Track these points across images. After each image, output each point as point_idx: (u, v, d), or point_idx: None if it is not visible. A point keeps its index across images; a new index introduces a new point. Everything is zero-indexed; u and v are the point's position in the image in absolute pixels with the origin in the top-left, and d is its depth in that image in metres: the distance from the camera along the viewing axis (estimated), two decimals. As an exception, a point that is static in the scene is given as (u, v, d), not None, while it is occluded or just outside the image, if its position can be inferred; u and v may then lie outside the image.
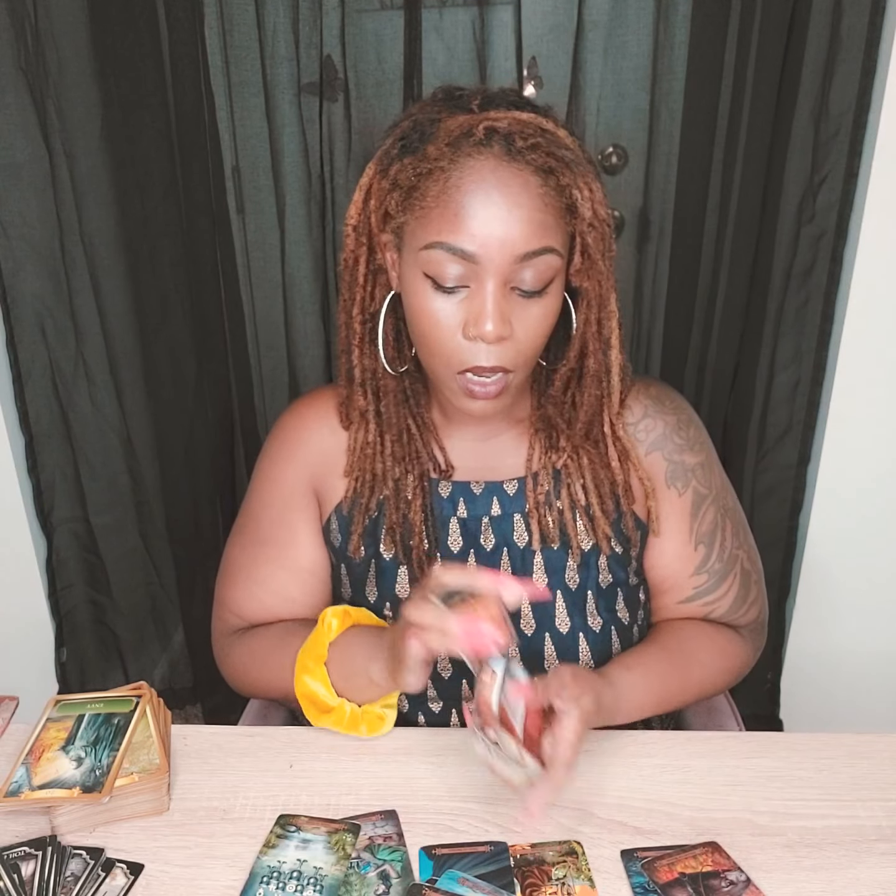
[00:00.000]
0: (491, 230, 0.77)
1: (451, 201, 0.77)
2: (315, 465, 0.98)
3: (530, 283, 0.80)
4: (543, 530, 0.94)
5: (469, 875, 0.72)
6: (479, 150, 0.77)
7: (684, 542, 0.97)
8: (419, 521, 0.94)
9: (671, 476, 0.96)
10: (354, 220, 0.86)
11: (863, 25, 1.26)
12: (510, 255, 0.77)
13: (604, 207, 0.81)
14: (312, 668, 0.88)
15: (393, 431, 0.94)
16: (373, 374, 0.92)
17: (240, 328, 1.60)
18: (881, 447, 1.46)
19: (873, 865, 0.74)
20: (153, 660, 1.88)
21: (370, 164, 0.85)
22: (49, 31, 1.35)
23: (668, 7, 1.35)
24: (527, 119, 0.78)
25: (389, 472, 0.94)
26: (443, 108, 0.81)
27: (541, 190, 0.77)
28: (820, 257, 1.40)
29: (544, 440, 0.95)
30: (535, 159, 0.77)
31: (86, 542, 1.69)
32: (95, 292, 1.53)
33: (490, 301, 0.79)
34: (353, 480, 0.96)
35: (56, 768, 0.80)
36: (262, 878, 0.72)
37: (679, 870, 0.73)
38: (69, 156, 1.43)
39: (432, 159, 0.78)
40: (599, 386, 0.90)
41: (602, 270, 0.83)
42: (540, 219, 0.77)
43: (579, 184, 0.79)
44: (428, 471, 0.95)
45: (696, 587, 0.98)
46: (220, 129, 1.46)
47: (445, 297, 0.81)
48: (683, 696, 0.96)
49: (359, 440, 0.96)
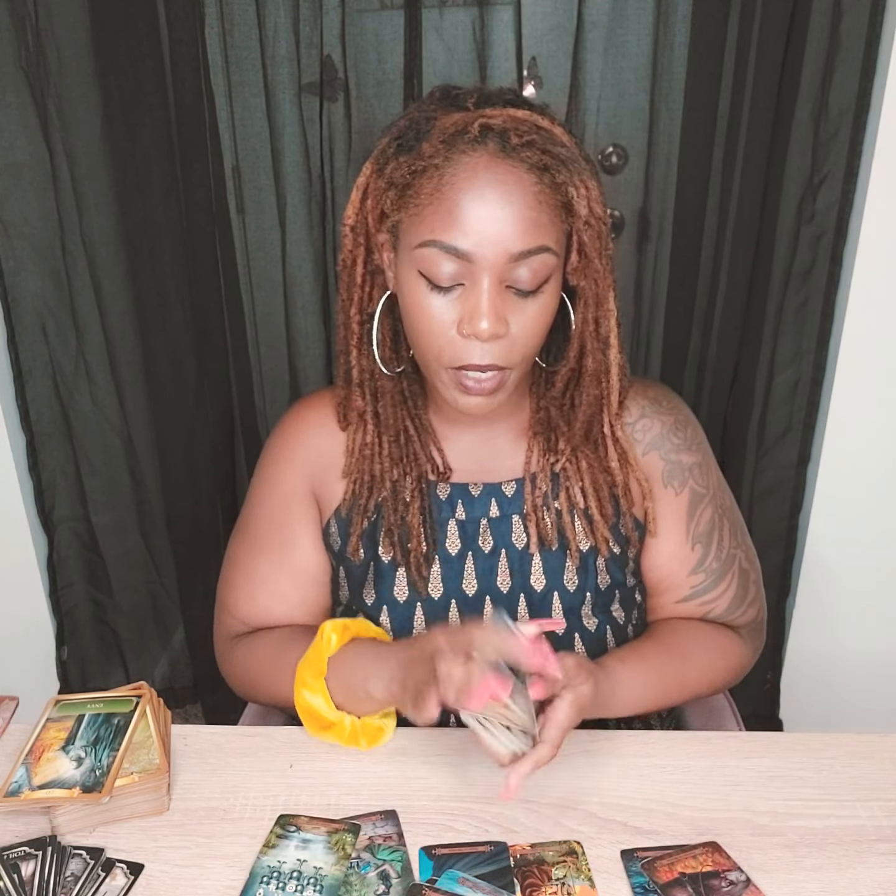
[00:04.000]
0: (484, 228, 0.76)
1: (445, 199, 0.77)
2: (315, 466, 0.98)
3: (525, 281, 0.79)
4: (541, 533, 0.93)
5: (469, 875, 0.72)
6: (473, 148, 0.77)
7: (681, 542, 0.97)
8: (417, 523, 0.93)
9: (668, 475, 0.96)
10: (352, 220, 0.86)
11: (863, 25, 1.26)
12: (504, 253, 0.77)
13: (600, 205, 0.81)
14: (311, 683, 0.87)
15: (390, 433, 0.94)
16: (370, 374, 0.92)
17: (240, 328, 1.59)
18: (881, 447, 1.46)
19: (873, 865, 0.74)
20: (154, 659, 1.88)
21: (367, 163, 0.84)
22: (49, 30, 1.35)
23: (668, 7, 1.35)
24: (522, 116, 0.78)
25: (387, 473, 0.94)
26: (439, 107, 0.81)
27: (535, 188, 0.77)
28: (820, 257, 1.40)
29: (543, 442, 0.95)
30: (530, 156, 0.77)
31: (86, 540, 1.69)
32: (96, 292, 1.53)
33: (485, 299, 0.78)
34: (351, 482, 0.96)
35: (56, 768, 0.80)
36: (261, 878, 0.72)
37: (679, 870, 0.73)
38: (69, 156, 1.43)
39: (427, 157, 0.78)
40: (599, 385, 0.90)
41: (598, 269, 0.83)
42: (534, 217, 0.77)
43: (575, 181, 0.78)
44: (426, 472, 0.95)
45: (694, 586, 0.97)
46: (220, 129, 1.46)
47: (440, 295, 0.81)
48: (681, 693, 0.95)
49: (357, 441, 0.95)
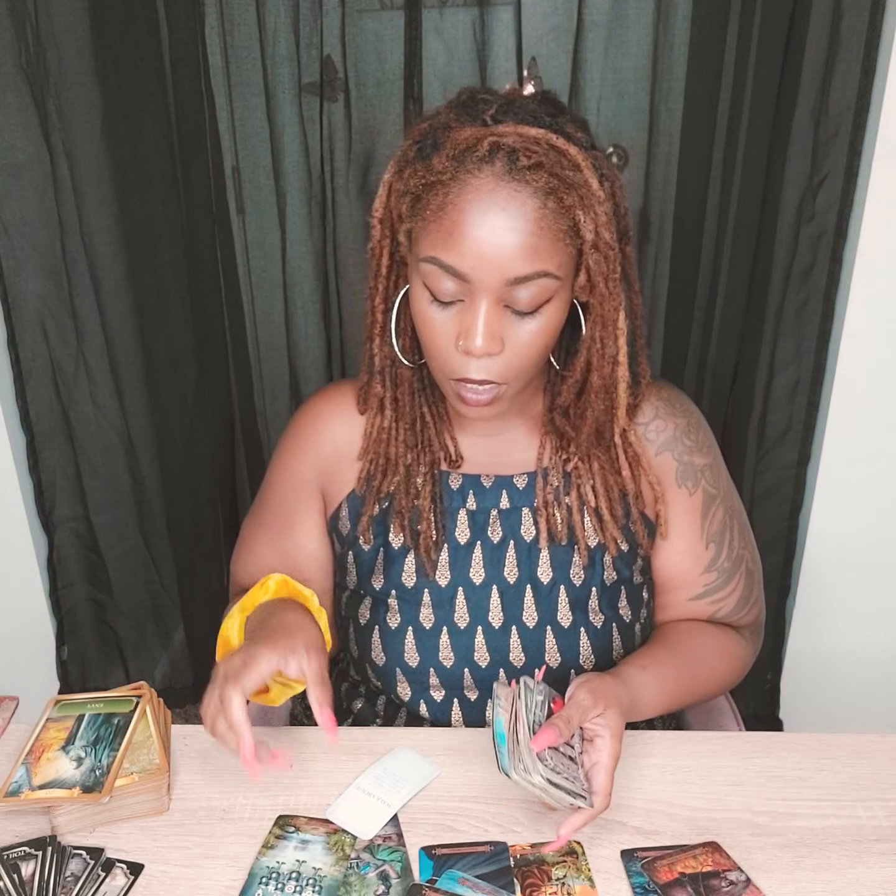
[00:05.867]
0: (482, 252, 0.76)
1: (447, 218, 0.77)
2: (327, 456, 1.01)
3: (524, 303, 0.80)
4: (551, 528, 0.95)
5: (469, 875, 0.72)
6: (479, 168, 0.77)
7: (696, 540, 0.98)
8: (428, 507, 0.95)
9: (681, 476, 0.97)
10: (380, 213, 0.87)
11: (863, 25, 1.26)
12: (501, 277, 0.77)
13: (608, 231, 0.80)
14: (234, 616, 0.91)
15: (407, 419, 0.96)
16: (391, 362, 0.94)
17: (240, 328, 1.60)
18: (881, 447, 1.46)
19: (873, 865, 0.74)
20: (154, 658, 1.88)
21: (391, 162, 0.85)
22: (49, 31, 1.35)
23: (668, 7, 1.35)
24: (535, 135, 0.77)
25: (402, 458, 0.97)
26: (458, 116, 0.80)
27: (538, 213, 0.77)
28: (820, 257, 1.40)
29: (555, 440, 0.96)
30: (537, 179, 0.76)
31: (86, 540, 1.69)
32: (96, 292, 1.53)
33: (480, 318, 0.79)
34: (367, 462, 0.99)
35: (56, 768, 0.80)
36: (260, 878, 0.72)
37: (679, 870, 0.73)
38: (69, 156, 1.43)
39: (436, 172, 0.78)
40: (606, 400, 0.90)
41: (604, 292, 0.83)
42: (534, 243, 0.77)
43: (583, 205, 0.78)
44: (439, 460, 0.97)
45: (707, 584, 0.99)
46: (220, 129, 1.46)
47: (441, 309, 0.82)
48: (692, 695, 0.96)
49: (375, 425, 0.98)
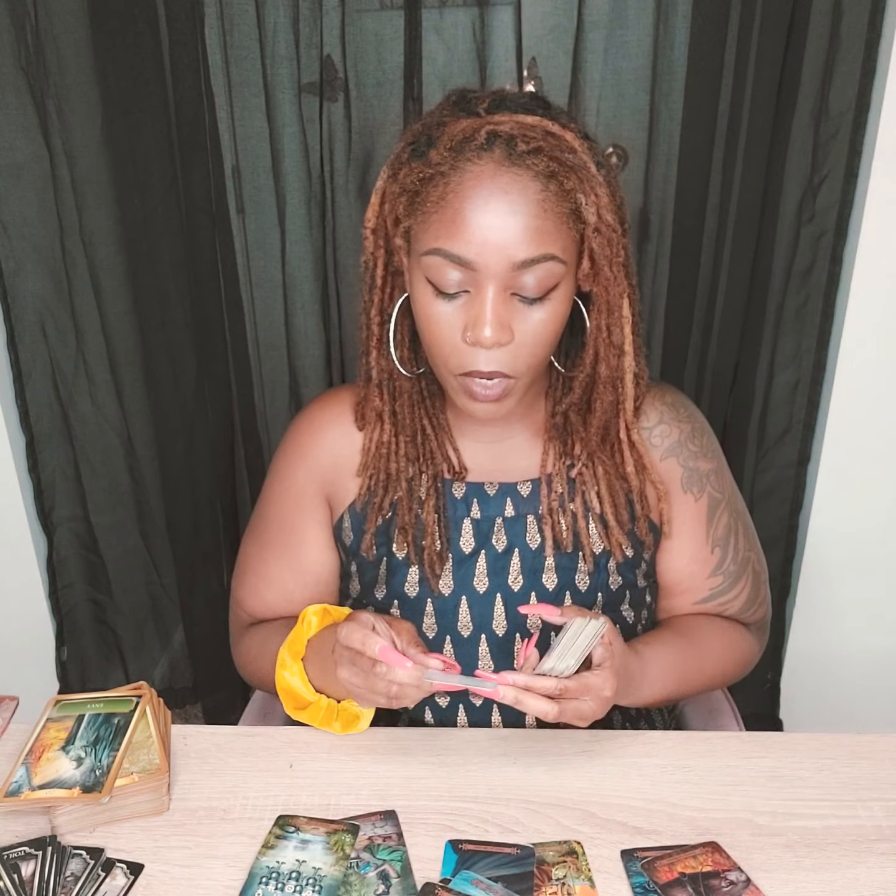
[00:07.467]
0: (487, 237, 0.76)
1: (450, 207, 0.77)
2: (327, 466, 0.99)
3: (531, 289, 0.79)
4: (557, 536, 0.94)
5: (483, 877, 0.72)
6: (479, 156, 0.77)
7: (701, 546, 0.98)
8: (432, 521, 0.94)
9: (687, 482, 0.97)
10: (372, 223, 0.87)
11: (863, 25, 1.26)
12: (508, 262, 0.77)
13: (610, 213, 0.80)
14: (290, 665, 0.89)
15: (407, 432, 0.95)
16: (389, 375, 0.93)
17: (240, 328, 1.59)
18: (881, 447, 1.46)
19: (873, 865, 0.74)
20: (153, 659, 1.88)
21: (384, 167, 0.85)
22: (49, 31, 1.35)
23: (668, 7, 1.35)
24: (531, 122, 0.78)
25: (403, 472, 0.95)
26: (451, 112, 0.81)
27: (540, 196, 0.77)
28: (820, 257, 1.40)
29: (559, 446, 0.96)
30: (537, 163, 0.76)
31: (86, 541, 1.69)
32: (96, 292, 1.53)
33: (488, 307, 0.79)
34: (366, 478, 0.97)
35: (56, 768, 0.80)
36: (260, 878, 0.72)
37: (679, 870, 0.73)
38: (69, 156, 1.43)
39: (434, 164, 0.78)
40: (614, 392, 0.90)
41: (609, 276, 0.83)
42: (538, 225, 0.77)
43: (584, 188, 0.78)
44: (442, 471, 0.96)
45: (713, 588, 0.99)
46: (220, 129, 1.45)
47: (446, 302, 0.81)
48: (699, 681, 0.97)
49: (374, 440, 0.97)
